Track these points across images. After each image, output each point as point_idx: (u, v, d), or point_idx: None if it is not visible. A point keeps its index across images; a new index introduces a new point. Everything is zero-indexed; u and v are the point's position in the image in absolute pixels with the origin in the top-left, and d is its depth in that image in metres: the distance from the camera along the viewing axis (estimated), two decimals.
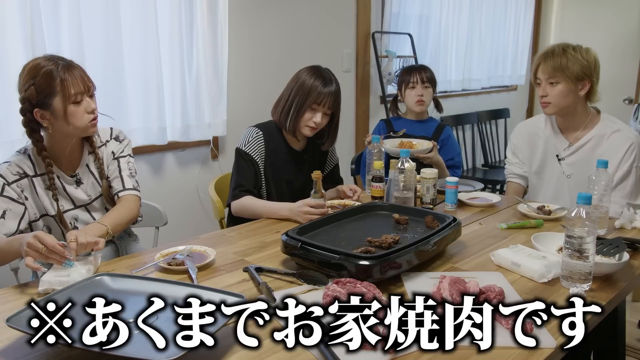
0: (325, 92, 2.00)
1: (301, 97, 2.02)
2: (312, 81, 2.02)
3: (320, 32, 3.34)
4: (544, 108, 2.06)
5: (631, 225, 1.79)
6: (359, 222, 1.72)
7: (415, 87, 2.59)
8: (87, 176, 1.71)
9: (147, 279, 1.26)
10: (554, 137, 2.15)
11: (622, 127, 2.08)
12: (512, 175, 2.30)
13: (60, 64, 1.53)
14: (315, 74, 2.04)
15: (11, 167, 1.58)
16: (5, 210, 1.54)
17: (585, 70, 1.97)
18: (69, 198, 1.67)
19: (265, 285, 1.28)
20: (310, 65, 2.09)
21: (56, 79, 1.50)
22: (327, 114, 2.06)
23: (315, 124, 2.03)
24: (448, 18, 4.18)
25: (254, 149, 2.04)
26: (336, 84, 2.06)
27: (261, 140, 2.06)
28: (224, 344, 1.06)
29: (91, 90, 1.59)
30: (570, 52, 1.98)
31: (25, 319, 1.03)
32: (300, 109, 2.02)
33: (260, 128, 2.09)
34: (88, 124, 1.58)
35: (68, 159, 1.67)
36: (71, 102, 1.53)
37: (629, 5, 4.71)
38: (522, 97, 5.33)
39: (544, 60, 2.01)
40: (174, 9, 2.55)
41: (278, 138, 2.11)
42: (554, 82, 1.99)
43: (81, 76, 1.55)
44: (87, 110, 1.56)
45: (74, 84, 1.52)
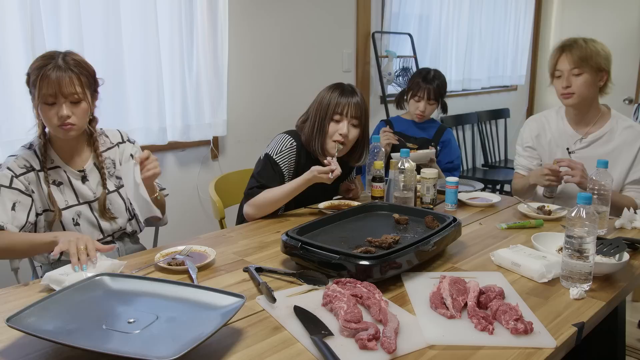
0: (344, 101, 1.92)
1: (322, 112, 1.94)
2: (330, 94, 1.95)
3: (320, 32, 3.34)
4: (567, 99, 2.06)
5: (631, 225, 1.80)
6: (359, 222, 1.72)
7: (420, 102, 2.59)
8: (95, 174, 1.72)
9: (147, 279, 1.26)
10: (565, 130, 2.17)
11: (633, 123, 2.12)
12: (520, 167, 2.31)
13: (55, 62, 1.51)
14: (334, 87, 1.97)
15: (18, 160, 1.60)
16: (15, 203, 1.56)
17: (606, 62, 2.01)
18: (75, 193, 1.68)
19: (265, 285, 1.28)
20: (332, 83, 2.02)
21: (38, 75, 1.50)
22: (354, 125, 1.95)
23: (341, 136, 1.92)
24: (448, 18, 4.18)
25: (284, 159, 1.96)
26: (360, 95, 1.97)
27: (294, 151, 1.97)
28: (224, 344, 1.06)
29: (74, 97, 1.53)
30: (591, 43, 2.01)
31: (25, 319, 1.03)
32: (322, 123, 1.94)
33: (294, 138, 1.99)
34: (57, 128, 1.55)
35: (74, 154, 1.68)
36: (42, 102, 1.52)
37: (629, 5, 4.71)
38: (522, 97, 5.33)
39: (568, 51, 2.01)
40: (174, 9, 2.55)
41: (309, 153, 2.01)
42: (578, 73, 2.00)
43: (60, 80, 1.49)
44: (58, 114, 1.53)
45: (49, 84, 1.49)
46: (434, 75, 2.60)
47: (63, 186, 1.66)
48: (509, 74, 4.94)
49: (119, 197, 1.76)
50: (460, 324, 1.14)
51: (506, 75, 4.93)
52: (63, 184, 1.65)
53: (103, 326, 1.04)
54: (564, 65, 2.02)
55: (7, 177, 1.57)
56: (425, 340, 1.07)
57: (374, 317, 1.14)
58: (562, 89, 2.04)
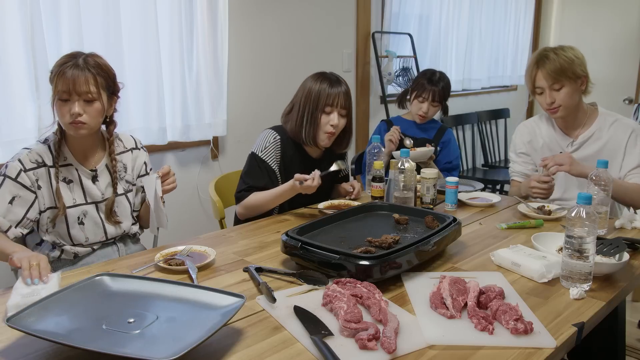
0: (334, 92, 1.96)
1: (312, 104, 1.97)
2: (318, 85, 1.98)
3: (320, 32, 3.34)
4: (555, 114, 2.07)
5: (631, 225, 1.80)
6: (359, 222, 1.72)
7: (424, 103, 2.59)
8: (105, 176, 1.73)
9: (147, 279, 1.26)
10: (555, 135, 2.18)
11: (619, 117, 2.13)
12: (515, 174, 2.30)
13: (74, 62, 1.56)
14: (321, 78, 2.00)
15: (31, 154, 1.61)
16: (15, 197, 1.58)
17: (581, 67, 2.01)
18: (83, 192, 1.69)
19: (265, 285, 1.28)
20: (315, 73, 2.06)
21: (58, 72, 1.55)
22: (342, 115, 2.01)
23: (333, 127, 1.98)
24: (448, 18, 4.18)
25: (270, 154, 2.00)
26: (345, 83, 2.02)
27: (278, 145, 2.02)
28: (224, 344, 1.06)
29: (88, 96, 1.56)
30: (562, 53, 2.00)
31: (25, 319, 1.03)
32: (314, 115, 1.97)
33: (278, 132, 2.04)
34: (68, 125, 1.59)
35: (87, 153, 1.71)
36: (58, 98, 1.57)
37: (629, 5, 4.71)
38: (522, 97, 5.33)
39: (542, 67, 2.00)
40: (174, 9, 2.55)
41: (295, 144, 2.06)
42: (559, 87, 2.00)
43: (76, 78, 1.53)
44: (70, 112, 1.56)
45: (64, 81, 1.54)
46: (439, 77, 2.59)
47: (73, 184, 1.68)
48: (508, 74, 4.94)
49: (125, 200, 1.78)
50: (460, 324, 1.14)
51: (506, 75, 4.93)
52: (73, 182, 1.68)
53: (103, 326, 1.05)
54: (542, 82, 2.02)
55: (16, 170, 1.58)
56: (425, 340, 1.07)
57: (374, 317, 1.14)
58: (547, 105, 2.05)
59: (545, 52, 2.02)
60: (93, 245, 1.73)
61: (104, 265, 1.50)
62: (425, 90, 2.56)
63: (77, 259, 1.72)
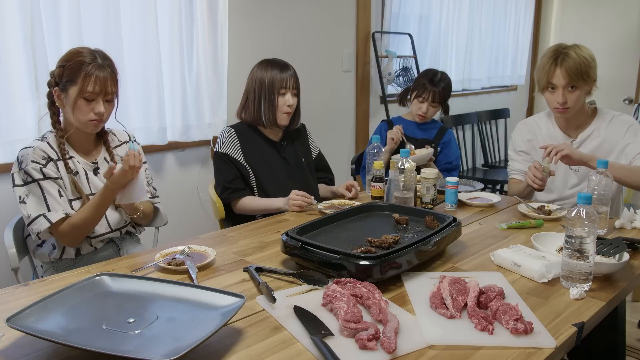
0: (285, 76, 2.12)
1: (267, 89, 2.12)
2: (270, 72, 2.12)
3: (320, 32, 3.34)
4: (562, 114, 2.06)
5: (631, 225, 1.80)
6: (359, 222, 1.72)
7: (424, 103, 2.59)
8: (105, 167, 1.75)
9: (147, 279, 1.26)
10: (556, 135, 2.18)
11: (616, 113, 2.14)
12: (514, 172, 2.30)
13: (96, 61, 1.60)
14: (269, 65, 2.14)
15: (36, 151, 1.63)
16: (59, 190, 1.63)
17: (594, 70, 2.01)
18: (88, 183, 1.73)
19: (265, 285, 1.28)
20: (259, 61, 2.18)
21: (82, 72, 1.58)
22: (294, 95, 2.16)
23: (289, 107, 2.13)
24: (448, 18, 4.18)
25: (227, 146, 2.14)
26: (291, 67, 2.17)
27: (234, 137, 2.16)
28: (224, 344, 1.06)
29: (110, 96, 1.65)
30: (580, 52, 1.98)
31: (25, 319, 1.03)
32: (271, 99, 2.12)
33: (232, 127, 2.19)
34: (88, 122, 1.64)
35: (87, 147, 1.75)
36: (83, 97, 1.60)
37: (629, 5, 4.71)
38: (522, 97, 5.33)
39: (561, 65, 1.96)
40: (174, 9, 2.55)
41: (253, 132, 2.20)
42: (573, 88, 2.00)
43: (105, 79, 1.61)
44: (94, 111, 1.62)
45: (94, 82, 1.59)
46: (440, 78, 2.59)
47: (79, 176, 1.71)
48: (508, 74, 4.94)
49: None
50: (460, 324, 1.14)
51: (506, 75, 4.93)
52: (79, 173, 1.71)
53: (103, 326, 1.05)
54: (559, 80, 1.98)
55: (37, 170, 1.60)
56: (425, 340, 1.07)
57: (374, 317, 1.14)
58: (558, 104, 2.02)
59: (565, 50, 1.99)
60: (98, 238, 1.74)
61: (104, 265, 1.50)
62: (426, 90, 2.56)
63: (77, 259, 1.73)
